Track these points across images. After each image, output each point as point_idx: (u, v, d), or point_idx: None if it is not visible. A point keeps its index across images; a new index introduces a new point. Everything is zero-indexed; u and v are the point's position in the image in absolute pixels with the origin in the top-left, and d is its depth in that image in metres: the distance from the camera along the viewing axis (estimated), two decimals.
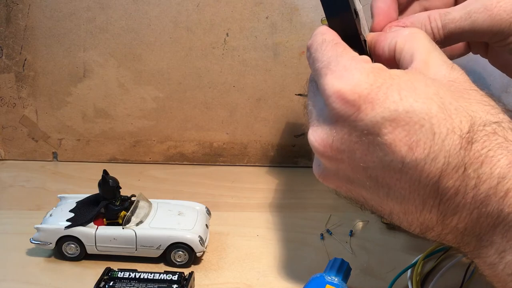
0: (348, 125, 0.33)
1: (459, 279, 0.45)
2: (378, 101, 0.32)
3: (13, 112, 0.67)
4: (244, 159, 0.69)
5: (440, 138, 0.31)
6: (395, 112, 0.32)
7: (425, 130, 0.32)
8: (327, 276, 0.41)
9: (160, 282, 0.45)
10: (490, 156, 0.31)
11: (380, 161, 0.33)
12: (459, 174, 0.32)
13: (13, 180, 0.65)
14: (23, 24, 0.63)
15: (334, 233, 0.54)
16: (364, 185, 0.35)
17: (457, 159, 0.31)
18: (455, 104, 0.32)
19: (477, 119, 0.32)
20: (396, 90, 0.32)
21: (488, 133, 0.31)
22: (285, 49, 0.63)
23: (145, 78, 0.65)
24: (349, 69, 0.34)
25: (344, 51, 0.35)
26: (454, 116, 0.32)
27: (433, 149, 0.32)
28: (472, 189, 0.31)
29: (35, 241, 0.49)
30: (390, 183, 0.34)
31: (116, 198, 0.50)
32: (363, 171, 0.35)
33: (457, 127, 0.31)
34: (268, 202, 0.61)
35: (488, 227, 0.32)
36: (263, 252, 0.51)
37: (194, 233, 0.48)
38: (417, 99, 0.32)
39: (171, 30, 0.63)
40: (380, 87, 0.32)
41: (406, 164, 0.32)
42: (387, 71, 0.34)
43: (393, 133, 0.32)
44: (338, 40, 0.37)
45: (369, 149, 0.33)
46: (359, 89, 0.33)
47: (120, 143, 0.69)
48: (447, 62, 0.35)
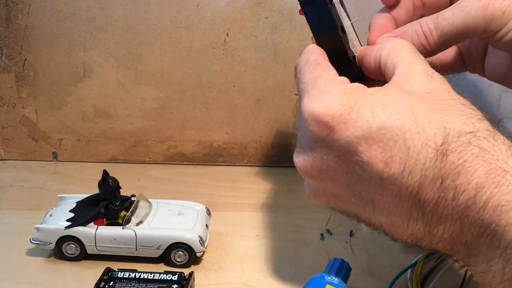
0: (325, 145, 0.35)
1: (459, 279, 0.45)
2: (351, 120, 0.33)
3: (13, 112, 0.67)
4: (244, 159, 0.69)
5: (415, 152, 0.32)
6: (368, 130, 0.33)
7: (399, 145, 0.32)
8: (327, 276, 0.41)
9: (160, 282, 0.45)
10: (466, 167, 0.31)
11: (360, 178, 0.34)
12: (437, 186, 0.32)
13: (13, 180, 0.65)
14: (23, 24, 0.63)
15: (334, 233, 0.54)
16: (350, 201, 0.37)
17: (434, 171, 0.32)
18: (429, 117, 0.32)
19: (452, 130, 0.32)
20: (368, 109, 0.33)
21: (463, 144, 0.32)
22: (285, 49, 0.63)
23: (145, 78, 0.65)
24: (323, 91, 0.35)
25: (322, 73, 0.36)
26: (428, 129, 0.32)
27: (409, 163, 0.32)
28: (451, 200, 0.32)
29: (35, 241, 0.49)
30: (373, 198, 0.35)
31: (116, 198, 0.50)
32: (347, 188, 0.36)
33: (431, 140, 0.32)
34: (268, 202, 0.61)
35: (472, 237, 0.32)
36: (263, 252, 0.51)
37: (194, 233, 0.48)
38: (390, 115, 0.33)
39: (171, 30, 0.63)
40: (352, 107, 0.34)
41: (384, 179, 0.33)
42: (360, 91, 0.35)
43: (369, 151, 0.33)
44: (321, 60, 0.38)
45: (349, 167, 0.35)
46: (332, 111, 0.34)
47: (120, 143, 0.69)
48: (427, 72, 0.36)
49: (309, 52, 0.39)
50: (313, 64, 0.38)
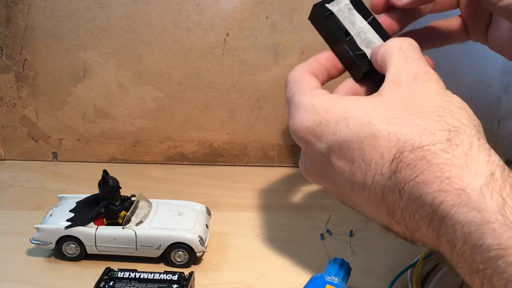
0: (309, 154, 0.39)
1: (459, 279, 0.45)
2: (321, 133, 0.37)
3: (13, 112, 0.67)
4: (244, 159, 0.69)
5: (373, 163, 0.34)
6: (335, 142, 0.36)
7: (361, 157, 0.35)
8: (327, 276, 0.41)
9: (160, 282, 0.45)
10: (420, 182, 0.32)
11: (340, 182, 0.37)
12: (398, 198, 0.33)
13: (13, 180, 0.65)
14: (23, 24, 0.63)
15: (334, 233, 0.54)
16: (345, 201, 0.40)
17: (392, 183, 0.33)
18: (388, 130, 0.34)
19: (407, 144, 0.33)
20: (334, 121, 0.36)
21: (416, 158, 0.32)
22: (285, 49, 0.63)
23: (145, 78, 0.65)
24: (296, 108, 0.38)
25: (298, 89, 0.40)
26: (386, 143, 0.33)
27: (370, 174, 0.34)
28: (415, 212, 0.33)
29: (35, 241, 0.49)
30: (354, 200, 0.38)
31: (116, 198, 0.50)
32: (336, 190, 0.39)
33: (387, 153, 0.33)
34: (268, 202, 0.61)
35: (447, 250, 0.32)
36: (263, 252, 0.51)
37: (194, 233, 0.48)
38: (352, 128, 0.35)
39: (171, 30, 0.63)
40: (321, 121, 0.37)
41: (354, 187, 0.36)
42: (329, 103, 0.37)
43: (338, 161, 0.36)
44: (297, 77, 0.41)
45: (329, 173, 0.38)
46: (305, 127, 0.37)
47: (120, 143, 0.69)
48: (410, 74, 0.36)
49: (293, 70, 0.42)
50: (291, 82, 0.41)
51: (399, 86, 0.36)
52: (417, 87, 0.36)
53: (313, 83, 0.40)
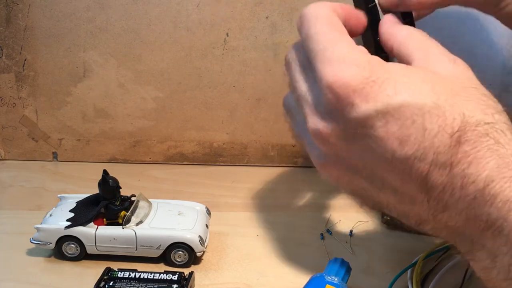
0: (344, 116, 0.34)
1: (459, 279, 0.45)
2: (372, 94, 0.32)
3: (13, 112, 0.67)
4: (244, 159, 0.69)
5: (431, 134, 0.31)
6: (388, 106, 0.32)
7: (417, 125, 0.32)
8: (327, 276, 0.41)
9: (160, 282, 0.44)
10: (478, 157, 0.31)
11: (374, 152, 0.34)
12: (446, 173, 0.32)
13: (13, 180, 0.65)
14: (23, 24, 0.63)
15: (334, 233, 0.54)
16: (361, 174, 0.36)
17: (446, 157, 0.31)
18: (450, 101, 0.32)
19: (470, 118, 0.31)
20: (391, 84, 0.32)
21: (479, 134, 0.31)
22: (285, 49, 0.63)
23: (145, 78, 0.65)
24: (345, 60, 0.33)
25: (341, 37, 0.35)
26: (448, 113, 0.31)
27: (423, 145, 0.32)
28: (459, 189, 0.31)
29: (35, 241, 0.49)
30: (383, 174, 0.34)
31: (116, 198, 0.50)
32: (360, 160, 0.35)
33: (449, 125, 0.31)
34: (268, 202, 0.61)
35: (478, 230, 0.31)
36: (263, 252, 0.51)
37: (194, 233, 0.48)
38: (412, 94, 0.32)
39: (171, 30, 0.63)
40: (375, 80, 0.33)
41: (396, 158, 0.33)
42: (384, 65, 0.34)
43: (386, 127, 0.32)
44: (333, 18, 0.36)
45: (364, 140, 0.34)
46: (354, 83, 0.33)
47: (120, 143, 0.69)
48: (449, 57, 0.35)
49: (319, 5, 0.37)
50: (326, 22, 0.35)
51: (441, 63, 0.34)
52: (460, 69, 0.34)
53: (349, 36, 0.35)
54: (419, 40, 0.36)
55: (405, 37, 0.37)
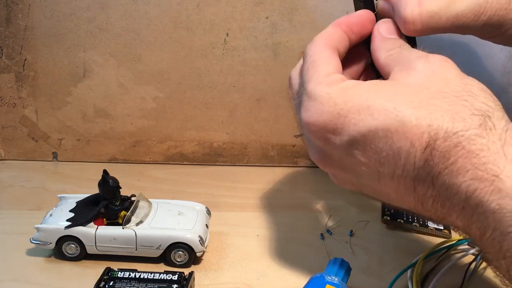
0: (327, 148, 0.36)
1: (459, 279, 0.45)
2: (341, 126, 0.34)
3: (13, 112, 0.67)
4: (244, 159, 0.69)
5: (403, 152, 0.32)
6: (358, 133, 0.33)
7: (389, 146, 0.32)
8: (327, 276, 0.41)
9: (160, 282, 0.45)
10: (455, 170, 0.31)
11: (365, 174, 0.35)
12: (431, 186, 0.32)
13: (13, 180, 0.65)
14: (23, 24, 0.63)
15: (334, 233, 0.54)
16: (367, 191, 0.38)
17: (425, 171, 0.32)
18: (416, 115, 0.32)
19: (439, 130, 0.31)
20: (355, 111, 0.33)
21: (450, 145, 0.31)
22: (285, 49, 0.63)
23: (145, 78, 0.65)
24: (311, 99, 0.35)
25: (314, 74, 0.36)
26: (415, 129, 0.32)
27: (400, 163, 0.33)
28: (447, 201, 0.32)
29: (35, 241, 0.49)
30: (382, 190, 0.36)
31: (116, 198, 0.50)
32: (357, 180, 0.37)
33: (418, 140, 0.32)
34: (268, 202, 0.61)
35: (476, 236, 0.32)
36: (263, 252, 0.51)
37: (194, 233, 0.48)
38: (377, 117, 0.33)
39: (171, 30, 0.63)
40: (340, 112, 0.34)
41: (382, 177, 0.34)
42: (348, 92, 0.34)
43: (364, 153, 0.34)
44: (316, 55, 0.37)
45: (352, 165, 0.36)
46: (322, 120, 0.34)
47: (120, 143, 0.69)
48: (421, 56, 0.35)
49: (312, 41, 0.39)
50: (308, 62, 0.38)
51: (412, 70, 0.34)
52: (433, 68, 0.34)
53: (332, 63, 0.37)
54: (398, 55, 0.37)
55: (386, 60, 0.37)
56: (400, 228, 0.54)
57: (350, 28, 0.39)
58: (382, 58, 0.38)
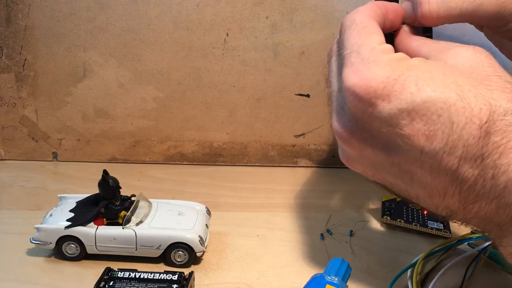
0: (367, 117, 0.34)
1: (459, 279, 0.45)
2: (395, 93, 0.33)
3: (13, 112, 0.67)
4: (244, 159, 0.69)
5: (459, 127, 0.31)
6: (412, 103, 0.32)
7: (443, 119, 0.32)
8: (327, 276, 0.41)
9: (160, 282, 0.45)
10: (509, 147, 0.30)
11: (401, 149, 0.34)
12: (477, 164, 0.31)
13: (13, 180, 0.65)
14: (23, 24, 0.63)
15: (334, 233, 0.54)
16: (389, 171, 0.36)
17: (475, 149, 0.31)
18: (474, 92, 0.32)
19: (497, 108, 0.31)
20: (413, 81, 0.32)
21: (508, 123, 0.31)
22: (285, 49, 0.63)
23: (145, 78, 0.65)
24: (367, 62, 0.34)
25: (367, 40, 0.35)
26: (474, 104, 0.31)
27: (451, 139, 0.32)
28: (490, 180, 0.31)
29: (35, 241, 0.49)
30: (412, 170, 0.34)
31: (116, 198, 0.50)
32: (386, 158, 0.35)
33: (476, 116, 0.31)
34: (268, 202, 0.61)
35: (507, 218, 0.32)
36: (263, 252, 0.51)
37: (194, 233, 0.48)
38: (435, 89, 0.32)
39: (171, 30, 0.63)
40: (396, 79, 0.33)
41: (425, 153, 0.33)
42: (405, 62, 0.34)
43: (411, 124, 0.32)
44: (367, 22, 0.37)
45: (390, 138, 0.34)
46: (375, 83, 0.33)
47: (120, 143, 0.69)
48: (466, 47, 0.35)
49: (358, 10, 0.38)
50: (358, 27, 0.36)
51: (459, 54, 0.34)
52: (481, 57, 0.34)
53: (381, 35, 0.36)
54: (432, 43, 0.37)
55: (418, 45, 0.37)
56: (400, 228, 0.54)
57: (387, 13, 0.39)
58: (413, 45, 0.38)
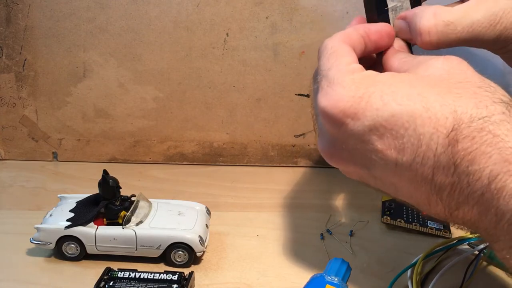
0: (341, 136, 0.36)
1: (459, 279, 0.45)
2: (361, 110, 0.34)
3: (13, 112, 0.67)
4: (244, 159, 0.69)
5: (426, 138, 0.32)
6: (379, 119, 0.33)
7: (410, 132, 0.32)
8: (327, 276, 0.41)
9: (160, 282, 0.45)
10: (479, 154, 0.31)
11: (377, 164, 0.35)
12: (451, 172, 0.32)
13: (13, 180, 0.65)
14: (23, 24, 0.63)
15: (334, 233, 0.54)
16: (375, 184, 0.37)
17: (446, 157, 0.32)
18: (440, 101, 0.32)
19: (464, 115, 0.31)
20: (378, 97, 0.33)
21: (475, 130, 0.31)
22: (285, 49, 0.63)
23: (145, 78, 0.65)
24: (333, 84, 0.35)
25: (335, 63, 0.37)
26: (440, 114, 0.32)
27: (421, 150, 0.32)
28: (466, 187, 0.32)
29: (35, 241, 0.49)
30: (393, 182, 0.35)
31: (116, 198, 0.50)
32: (368, 174, 0.36)
33: (442, 125, 0.32)
34: (268, 202, 0.61)
35: (491, 224, 0.32)
36: (263, 252, 0.51)
37: (194, 233, 0.48)
38: (400, 102, 0.33)
39: (171, 30, 0.63)
40: (361, 97, 0.34)
41: (399, 166, 0.34)
42: (371, 78, 0.35)
43: (382, 139, 0.33)
44: (336, 46, 0.38)
45: (366, 155, 0.35)
46: (342, 104, 0.34)
47: (120, 143, 0.69)
48: (439, 56, 0.35)
49: (331, 37, 0.39)
50: (328, 53, 0.38)
51: (431, 65, 0.35)
52: (452, 65, 0.35)
53: (352, 56, 0.37)
54: (411, 59, 0.38)
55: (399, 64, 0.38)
56: (400, 228, 0.54)
57: (368, 35, 0.40)
58: (395, 64, 0.39)
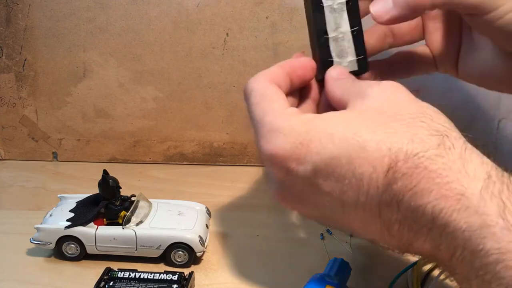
0: (288, 181, 0.36)
1: None
2: (303, 155, 0.34)
3: (13, 112, 0.67)
4: (244, 159, 0.69)
5: (366, 178, 0.32)
6: (320, 162, 0.33)
7: (351, 174, 0.33)
8: (327, 276, 0.41)
9: (160, 282, 0.45)
10: (418, 191, 0.31)
11: (327, 206, 0.35)
12: (396, 209, 0.32)
13: (13, 180, 0.65)
14: (23, 24, 0.63)
15: (334, 233, 0.54)
16: (330, 223, 0.38)
17: (388, 195, 0.32)
18: (376, 139, 0.32)
19: (399, 152, 0.31)
20: (317, 141, 0.34)
21: (411, 167, 0.31)
22: (285, 49, 0.63)
23: (145, 78, 0.65)
24: (272, 131, 0.35)
25: (268, 109, 0.36)
26: (376, 153, 0.32)
27: (364, 190, 0.32)
28: (413, 223, 0.32)
29: (35, 241, 0.49)
30: (345, 221, 0.35)
31: (116, 198, 0.50)
32: (322, 215, 0.37)
33: (379, 164, 0.32)
34: (268, 202, 0.60)
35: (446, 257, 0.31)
36: (263, 252, 0.51)
37: (194, 233, 0.48)
38: (338, 144, 0.33)
39: (171, 30, 0.63)
40: (302, 142, 0.34)
41: (347, 207, 0.34)
42: (309, 123, 0.35)
43: (326, 182, 0.34)
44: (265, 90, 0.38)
45: (314, 197, 0.35)
46: (284, 151, 0.34)
47: (120, 143, 0.69)
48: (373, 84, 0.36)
49: (255, 78, 0.39)
50: (257, 97, 0.38)
51: (367, 97, 0.35)
52: (386, 94, 0.35)
53: (282, 99, 0.37)
54: (351, 87, 0.38)
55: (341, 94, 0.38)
56: None
57: (293, 70, 0.40)
58: (337, 94, 0.39)
